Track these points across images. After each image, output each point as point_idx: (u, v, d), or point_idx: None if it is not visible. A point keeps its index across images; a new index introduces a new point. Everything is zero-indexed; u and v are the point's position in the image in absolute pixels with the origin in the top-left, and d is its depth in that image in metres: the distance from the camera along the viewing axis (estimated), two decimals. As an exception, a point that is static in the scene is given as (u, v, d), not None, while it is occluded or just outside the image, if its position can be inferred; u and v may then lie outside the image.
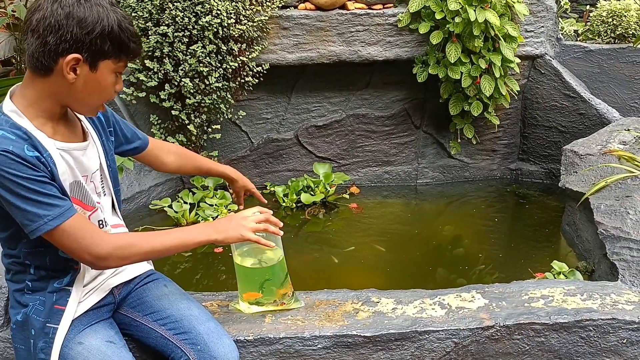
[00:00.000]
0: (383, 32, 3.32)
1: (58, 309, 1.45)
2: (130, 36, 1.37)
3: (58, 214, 1.33)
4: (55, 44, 1.31)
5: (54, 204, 1.33)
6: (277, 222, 1.60)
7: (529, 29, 3.49)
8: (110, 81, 1.40)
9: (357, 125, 3.61)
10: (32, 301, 1.46)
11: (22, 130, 1.34)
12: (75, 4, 1.32)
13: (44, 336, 1.45)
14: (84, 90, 1.38)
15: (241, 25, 3.10)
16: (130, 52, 1.39)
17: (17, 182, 1.29)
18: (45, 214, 1.31)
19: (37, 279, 1.46)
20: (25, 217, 1.32)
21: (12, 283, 1.50)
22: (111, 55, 1.36)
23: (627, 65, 3.80)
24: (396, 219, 3.30)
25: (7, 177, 1.28)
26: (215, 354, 1.49)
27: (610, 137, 2.90)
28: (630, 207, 2.26)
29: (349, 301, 1.84)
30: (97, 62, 1.36)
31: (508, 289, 1.91)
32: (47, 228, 1.32)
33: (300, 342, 1.67)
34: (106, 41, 1.34)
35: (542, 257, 2.74)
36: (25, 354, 1.48)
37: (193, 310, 1.58)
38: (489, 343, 1.72)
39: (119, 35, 1.35)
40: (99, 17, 1.32)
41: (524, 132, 3.71)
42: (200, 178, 3.44)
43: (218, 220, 1.55)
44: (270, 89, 3.45)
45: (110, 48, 1.35)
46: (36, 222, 1.32)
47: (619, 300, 1.82)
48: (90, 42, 1.32)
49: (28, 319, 1.45)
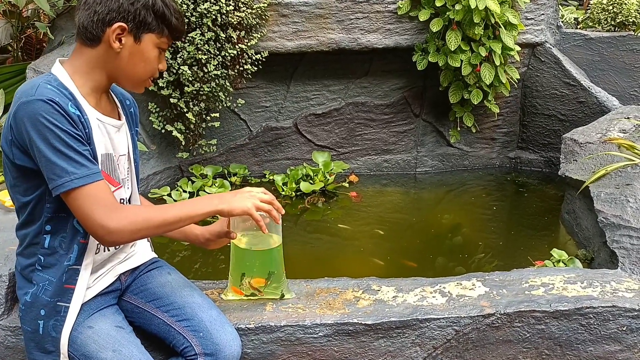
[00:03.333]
0: (383, 19, 3.30)
1: (68, 288, 1.45)
2: (173, 12, 1.45)
3: (85, 174, 1.34)
4: (103, 12, 1.40)
5: (83, 164, 1.34)
6: (280, 208, 1.58)
7: (529, 16, 3.47)
8: (153, 55, 1.47)
9: (357, 114, 3.60)
10: (41, 281, 1.45)
11: (68, 91, 1.38)
12: None
13: (55, 314, 1.44)
14: (129, 62, 1.44)
15: (240, 13, 3.08)
16: (173, 28, 1.46)
17: (55, 133, 1.31)
18: (73, 171, 1.32)
19: (50, 252, 1.44)
20: (53, 170, 1.32)
21: (23, 258, 1.48)
22: (154, 28, 1.44)
23: (627, 53, 3.79)
24: (395, 207, 3.30)
25: (47, 124, 1.30)
26: (217, 341, 1.50)
27: (610, 125, 2.90)
28: (630, 195, 2.26)
29: (349, 289, 1.84)
30: (141, 33, 1.43)
31: (508, 277, 1.91)
32: (71, 185, 1.32)
33: (301, 330, 1.67)
34: (150, 13, 1.42)
35: (541, 245, 2.75)
36: (32, 336, 1.47)
37: (196, 297, 1.59)
38: (489, 331, 1.73)
39: (162, 9, 1.43)
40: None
41: (524, 120, 3.70)
42: (200, 166, 3.43)
43: (223, 193, 1.57)
44: (269, 77, 3.44)
45: (154, 21, 1.43)
46: (63, 177, 1.32)
47: (619, 288, 1.82)
48: (135, 12, 1.40)
49: (37, 299, 1.44)
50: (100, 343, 1.43)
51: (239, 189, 1.56)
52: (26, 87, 1.36)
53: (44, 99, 1.31)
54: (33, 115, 1.30)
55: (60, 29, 3.65)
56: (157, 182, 3.28)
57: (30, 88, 1.34)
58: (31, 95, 1.32)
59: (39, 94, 1.31)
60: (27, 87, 1.36)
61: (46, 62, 3.35)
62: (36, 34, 3.93)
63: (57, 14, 3.61)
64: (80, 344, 1.44)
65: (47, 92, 1.32)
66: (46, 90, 1.33)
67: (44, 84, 1.35)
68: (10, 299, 1.68)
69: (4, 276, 1.68)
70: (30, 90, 1.33)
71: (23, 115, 1.31)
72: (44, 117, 1.30)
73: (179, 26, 1.48)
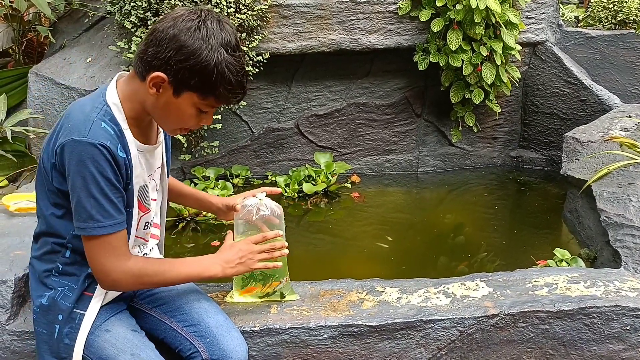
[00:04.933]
0: (383, 20, 3.31)
1: (87, 295, 1.46)
2: (225, 82, 1.36)
3: (109, 224, 1.36)
4: (151, 56, 1.36)
5: (112, 214, 1.36)
6: (283, 244, 1.63)
7: (529, 15, 3.47)
8: (190, 112, 1.41)
9: (358, 114, 3.60)
10: (59, 285, 1.45)
11: (118, 128, 1.38)
12: (186, 30, 1.33)
13: (70, 322, 1.45)
14: (163, 110, 1.41)
15: (241, 15, 3.08)
16: (220, 96, 1.39)
17: (96, 179, 1.32)
18: (99, 219, 1.35)
19: (71, 262, 1.45)
20: (80, 212, 1.35)
21: (40, 262, 1.48)
22: (196, 90, 1.37)
23: (628, 51, 3.79)
24: (397, 207, 3.31)
25: (92, 169, 1.32)
26: (224, 347, 1.50)
27: (612, 123, 2.90)
28: (632, 194, 2.26)
29: (353, 291, 1.85)
30: (181, 90, 1.37)
31: (512, 277, 1.91)
32: (93, 233, 1.36)
33: (306, 332, 1.68)
34: (194, 76, 1.34)
35: (543, 244, 2.75)
36: (47, 338, 1.47)
37: (202, 303, 1.59)
38: (493, 331, 1.73)
39: (211, 76, 1.34)
40: (198, 51, 1.33)
41: (525, 119, 3.71)
42: (202, 168, 3.44)
43: (225, 255, 1.55)
44: (271, 78, 3.44)
45: (197, 84, 1.36)
46: (87, 222, 1.35)
47: (622, 287, 1.83)
48: (178, 70, 1.34)
49: (55, 304, 1.45)
50: (118, 347, 1.44)
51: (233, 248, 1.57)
52: (80, 117, 1.35)
53: (96, 144, 1.31)
54: (81, 156, 1.31)
55: (61, 32, 3.66)
56: (160, 184, 3.28)
57: (83, 124, 1.33)
58: (84, 135, 1.31)
59: (92, 137, 1.31)
60: (80, 120, 1.34)
61: (47, 66, 3.37)
62: (37, 38, 3.94)
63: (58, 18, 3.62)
64: (97, 347, 1.45)
65: (100, 134, 1.32)
66: (99, 131, 1.33)
67: (98, 121, 1.34)
68: (17, 304, 1.69)
69: (9, 281, 1.69)
70: (84, 128, 1.32)
71: (71, 153, 1.32)
72: (91, 162, 1.31)
73: (228, 97, 1.40)
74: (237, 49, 1.38)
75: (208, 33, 1.34)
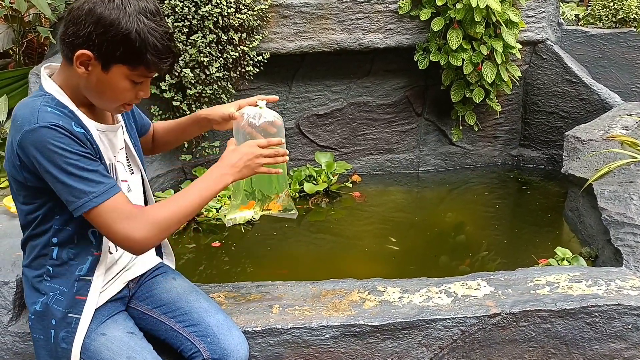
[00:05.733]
0: (384, 19, 3.31)
1: (79, 299, 1.45)
2: (150, 48, 1.32)
3: (103, 190, 1.33)
4: (72, 36, 1.32)
5: (100, 181, 1.33)
6: (285, 152, 1.56)
7: (530, 14, 3.47)
8: (123, 86, 1.37)
9: (359, 114, 3.60)
10: (51, 290, 1.45)
11: (67, 109, 1.36)
12: (100, 3, 1.30)
13: (65, 326, 1.44)
14: (96, 88, 1.37)
15: (241, 15, 3.08)
16: (149, 63, 1.34)
17: (66, 157, 1.29)
18: (90, 190, 1.32)
19: (59, 263, 1.44)
20: (71, 193, 1.31)
21: (30, 270, 1.48)
22: (124, 61, 1.33)
23: (629, 49, 3.79)
24: (398, 206, 3.31)
25: (56, 150, 1.29)
26: (225, 346, 1.50)
27: (613, 122, 2.90)
28: (634, 192, 2.26)
29: (355, 290, 1.85)
30: (109, 64, 1.34)
31: (513, 276, 1.92)
32: (91, 205, 1.32)
33: (308, 332, 1.68)
34: (118, 47, 1.31)
35: (545, 242, 2.75)
36: (44, 344, 1.47)
37: (202, 302, 1.59)
38: (495, 330, 1.73)
39: (134, 44, 1.31)
40: (117, 20, 1.30)
41: (526, 118, 3.70)
42: (203, 168, 3.44)
43: (228, 159, 1.49)
44: (271, 78, 3.44)
45: (122, 55, 1.32)
46: (82, 198, 1.31)
47: (623, 286, 1.83)
48: (100, 43, 1.31)
49: (48, 309, 1.45)
50: (114, 350, 1.44)
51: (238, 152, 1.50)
52: (25, 112, 1.32)
53: (49, 125, 1.29)
54: (40, 143, 1.29)
55: (61, 33, 3.66)
56: (161, 184, 3.29)
57: (30, 114, 1.31)
58: (34, 122, 1.29)
59: (42, 120, 1.29)
60: (26, 113, 1.32)
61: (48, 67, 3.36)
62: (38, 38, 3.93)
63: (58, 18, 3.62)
64: (93, 351, 1.44)
65: (49, 116, 1.30)
66: (48, 114, 1.31)
67: (43, 107, 1.32)
68: (18, 305, 1.69)
69: (11, 282, 1.69)
70: (31, 116, 1.30)
71: (29, 144, 1.29)
72: (51, 143, 1.28)
73: (157, 63, 1.35)
74: (156, 14, 1.34)
75: (123, 2, 1.31)
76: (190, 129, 1.78)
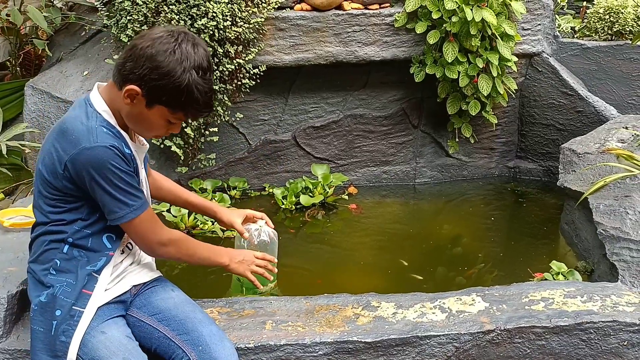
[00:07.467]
0: (380, 32, 3.31)
1: (85, 293, 1.52)
2: (194, 102, 1.50)
3: (140, 204, 1.53)
4: (128, 70, 1.49)
5: (138, 196, 1.54)
6: (273, 269, 1.92)
7: (525, 26, 3.48)
8: (160, 123, 1.55)
9: (355, 126, 3.60)
10: (57, 282, 1.52)
11: (116, 130, 1.54)
12: (162, 52, 1.46)
13: (68, 318, 1.50)
14: (135, 118, 1.54)
15: (237, 27, 3.09)
16: (188, 113, 1.54)
17: (118, 175, 1.48)
18: (132, 203, 1.51)
19: (68, 258, 1.53)
20: (115, 205, 1.50)
21: (37, 264, 1.56)
22: (167, 105, 1.51)
23: (625, 62, 3.79)
24: (395, 218, 3.30)
25: (112, 169, 1.47)
26: (215, 356, 1.52)
27: (609, 135, 2.90)
28: (629, 207, 2.26)
29: (349, 306, 1.84)
30: (153, 103, 1.51)
31: (508, 291, 1.91)
32: (132, 216, 1.52)
33: (301, 348, 1.67)
34: (166, 93, 1.48)
35: (540, 256, 2.74)
36: (43, 336, 1.51)
37: (197, 313, 1.63)
38: (490, 347, 1.72)
39: (181, 96, 1.48)
40: (173, 72, 1.46)
41: (522, 130, 3.71)
42: (199, 180, 3.44)
43: (234, 253, 1.83)
44: (267, 90, 3.44)
45: (167, 100, 1.49)
46: (124, 209, 1.51)
47: (619, 302, 1.82)
48: (151, 86, 1.48)
49: (55, 300, 1.51)
50: (111, 349, 1.48)
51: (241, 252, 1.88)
52: (82, 129, 1.48)
53: (107, 146, 1.46)
54: (98, 161, 1.46)
55: (58, 46, 3.67)
56: (157, 197, 3.28)
57: (88, 132, 1.47)
58: (93, 141, 1.46)
59: (101, 141, 1.46)
60: (84, 131, 1.47)
61: (44, 79, 3.37)
62: (34, 51, 3.94)
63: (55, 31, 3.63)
64: (91, 348, 1.48)
65: (106, 138, 1.48)
66: (104, 135, 1.48)
67: (99, 127, 1.49)
68: (9, 322, 1.68)
69: (2, 299, 1.68)
70: (89, 135, 1.46)
71: (85, 160, 1.46)
72: (109, 162, 1.46)
73: (195, 114, 1.55)
74: (207, 70, 1.51)
75: (182, 56, 1.46)
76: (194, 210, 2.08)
